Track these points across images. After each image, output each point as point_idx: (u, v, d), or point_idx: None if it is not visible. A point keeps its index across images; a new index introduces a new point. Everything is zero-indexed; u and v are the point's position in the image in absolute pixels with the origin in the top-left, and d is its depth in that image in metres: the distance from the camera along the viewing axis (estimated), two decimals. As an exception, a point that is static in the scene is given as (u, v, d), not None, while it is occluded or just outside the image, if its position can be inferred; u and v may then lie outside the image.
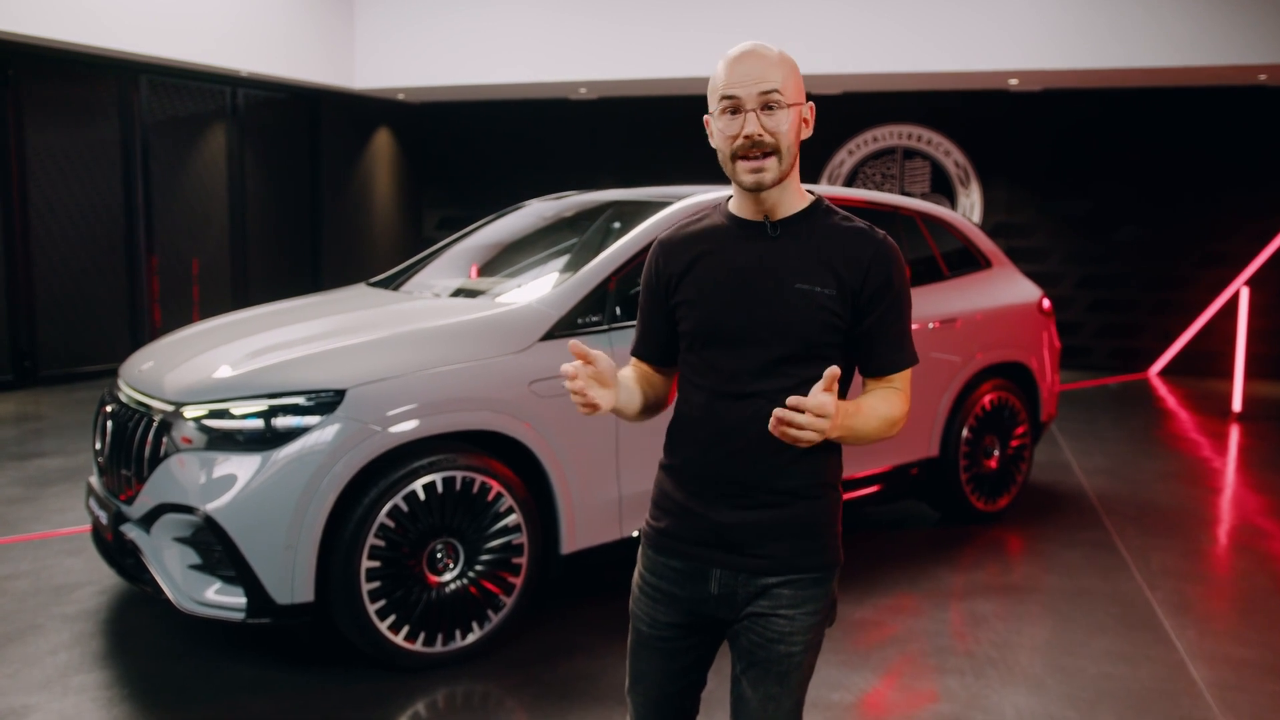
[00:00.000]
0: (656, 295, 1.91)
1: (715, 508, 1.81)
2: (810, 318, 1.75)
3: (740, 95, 1.73)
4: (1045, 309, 5.45)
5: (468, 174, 12.24)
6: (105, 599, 4.01)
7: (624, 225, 4.52)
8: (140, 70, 9.03)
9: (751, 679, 1.83)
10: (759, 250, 1.80)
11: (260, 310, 4.33)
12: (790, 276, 1.76)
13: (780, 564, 1.80)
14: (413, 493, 3.29)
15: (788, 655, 1.81)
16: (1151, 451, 6.83)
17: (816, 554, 1.82)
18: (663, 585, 1.88)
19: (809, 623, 1.82)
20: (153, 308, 9.35)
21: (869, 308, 1.77)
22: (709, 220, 1.89)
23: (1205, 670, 3.48)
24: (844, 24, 9.25)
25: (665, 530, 1.88)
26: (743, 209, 1.85)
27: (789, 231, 1.80)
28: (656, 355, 1.96)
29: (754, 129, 1.73)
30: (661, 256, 1.91)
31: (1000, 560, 4.65)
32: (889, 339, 1.80)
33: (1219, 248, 10.03)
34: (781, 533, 1.80)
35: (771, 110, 1.73)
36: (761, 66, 1.74)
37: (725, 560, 1.81)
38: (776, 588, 1.80)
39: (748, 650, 1.83)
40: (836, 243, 1.79)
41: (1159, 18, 8.62)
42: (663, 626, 1.89)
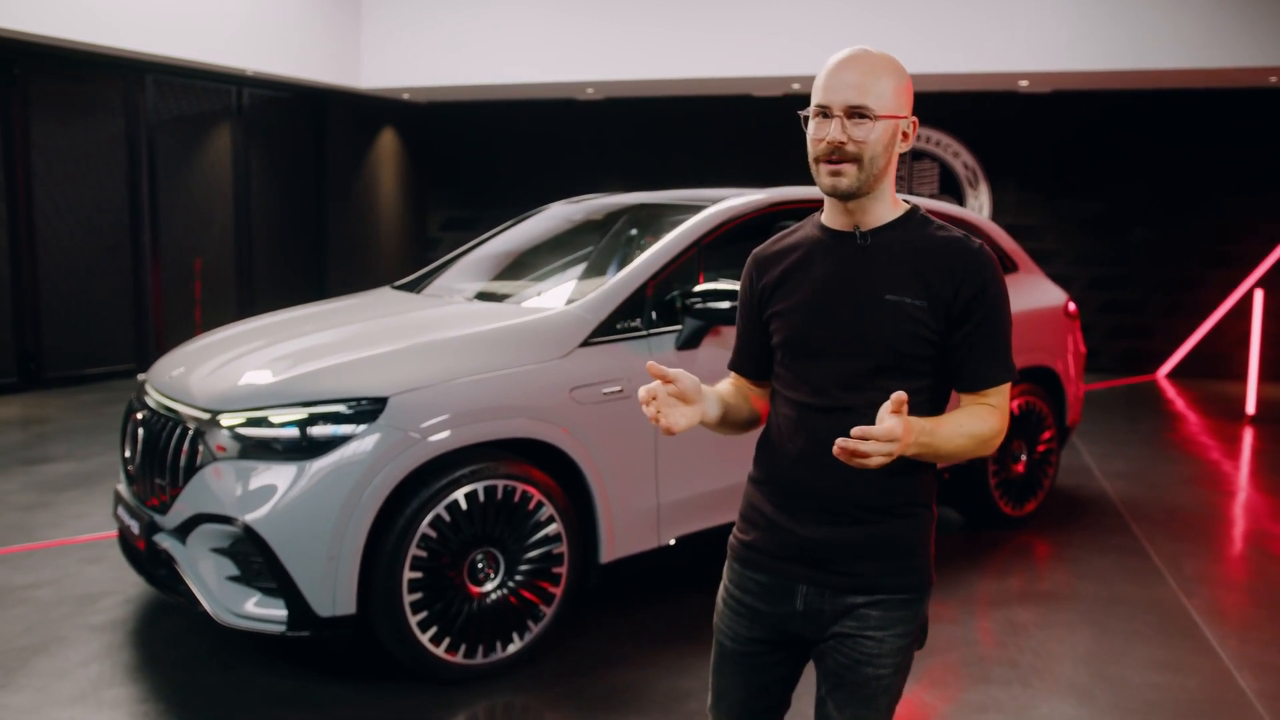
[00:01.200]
0: (750, 309, 1.91)
1: (803, 523, 1.78)
2: (900, 330, 1.71)
3: (830, 103, 1.72)
4: (1071, 313, 5.42)
5: (473, 175, 12.18)
6: (132, 609, 3.95)
7: (650, 229, 4.48)
8: (146, 69, 8.95)
9: (838, 701, 1.80)
10: (849, 260, 1.77)
11: (287, 315, 4.27)
12: (880, 287, 1.73)
13: (868, 583, 1.76)
14: (455, 502, 3.24)
15: (875, 678, 1.77)
16: (1170, 455, 6.81)
17: (906, 574, 1.78)
18: (747, 600, 1.85)
19: (898, 645, 1.78)
20: (158, 309, 9.27)
21: (962, 320, 1.72)
22: (801, 232, 1.88)
23: (1252, 680, 3.45)
24: (851, 25, 9.21)
25: (751, 544, 1.86)
26: (834, 220, 1.82)
27: (880, 241, 1.77)
28: (751, 369, 1.95)
29: (837, 135, 1.70)
30: (755, 270, 1.91)
31: (1031, 566, 4.61)
32: (982, 352, 1.74)
33: (1229, 249, 10.02)
34: (870, 551, 1.76)
35: (860, 120, 1.70)
36: (859, 76, 1.71)
37: (811, 577, 1.78)
38: (864, 608, 1.76)
39: (834, 671, 1.79)
40: (929, 253, 1.74)
41: (1170, 19, 8.61)
42: (746, 642, 1.86)
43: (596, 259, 4.58)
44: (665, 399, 1.72)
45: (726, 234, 4.10)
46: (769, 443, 1.87)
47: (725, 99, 10.89)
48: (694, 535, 3.84)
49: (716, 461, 3.78)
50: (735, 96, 10.83)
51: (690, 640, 3.69)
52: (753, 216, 4.20)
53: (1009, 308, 1.78)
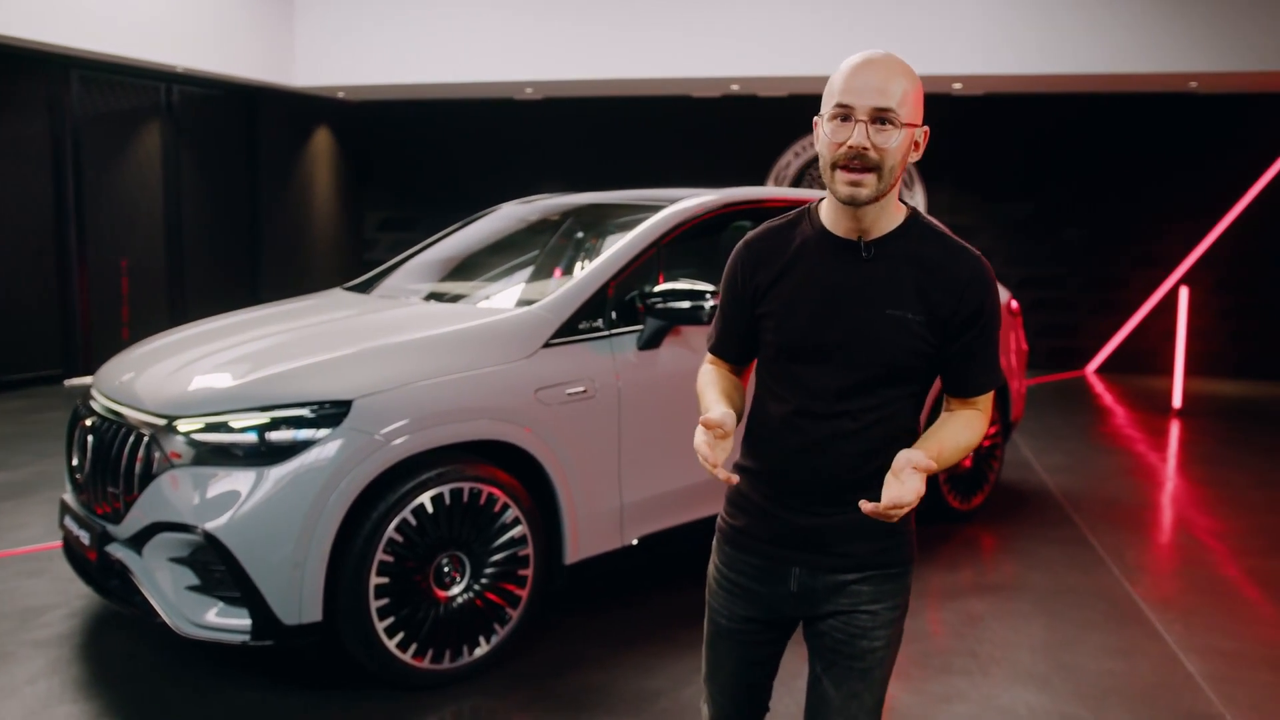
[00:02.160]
0: (742, 300, 1.89)
1: (795, 512, 1.83)
2: (899, 345, 1.74)
3: (854, 105, 1.66)
4: (1014, 311, 5.55)
5: (410, 175, 12.03)
6: (78, 622, 3.82)
7: (604, 229, 4.48)
8: (71, 65, 8.67)
9: (834, 678, 1.84)
10: (852, 271, 1.76)
11: (240, 317, 4.17)
12: (882, 302, 1.74)
13: (859, 561, 1.82)
14: (421, 506, 3.20)
15: (870, 650, 1.83)
16: (1104, 448, 7.02)
17: (894, 550, 1.84)
18: (741, 581, 1.90)
19: (891, 617, 1.84)
20: (85, 313, 8.97)
21: (959, 333, 1.76)
22: (800, 230, 1.84)
23: (1199, 663, 3.57)
24: (790, 27, 9.31)
25: (743, 529, 1.90)
26: (836, 224, 1.79)
27: (883, 253, 1.76)
28: (735, 355, 1.97)
29: (860, 140, 1.65)
30: (749, 259, 1.87)
31: (981, 558, 4.71)
32: (977, 362, 1.80)
33: (1153, 248, 10.37)
34: (861, 533, 1.81)
35: (884, 127, 1.66)
36: (883, 78, 1.66)
37: (805, 560, 1.83)
38: (855, 584, 1.82)
39: (830, 649, 1.85)
40: (931, 267, 1.75)
41: (1096, 26, 8.87)
42: (740, 620, 1.91)
43: (550, 260, 4.57)
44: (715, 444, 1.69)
45: (683, 234, 4.12)
46: (758, 436, 1.88)
47: (664, 99, 10.93)
48: (656, 535, 3.85)
49: (677, 461, 3.79)
50: (674, 97, 10.87)
51: (656, 640, 3.69)
52: (710, 216, 4.23)
53: (1001, 318, 1.83)
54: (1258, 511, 5.51)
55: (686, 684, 3.35)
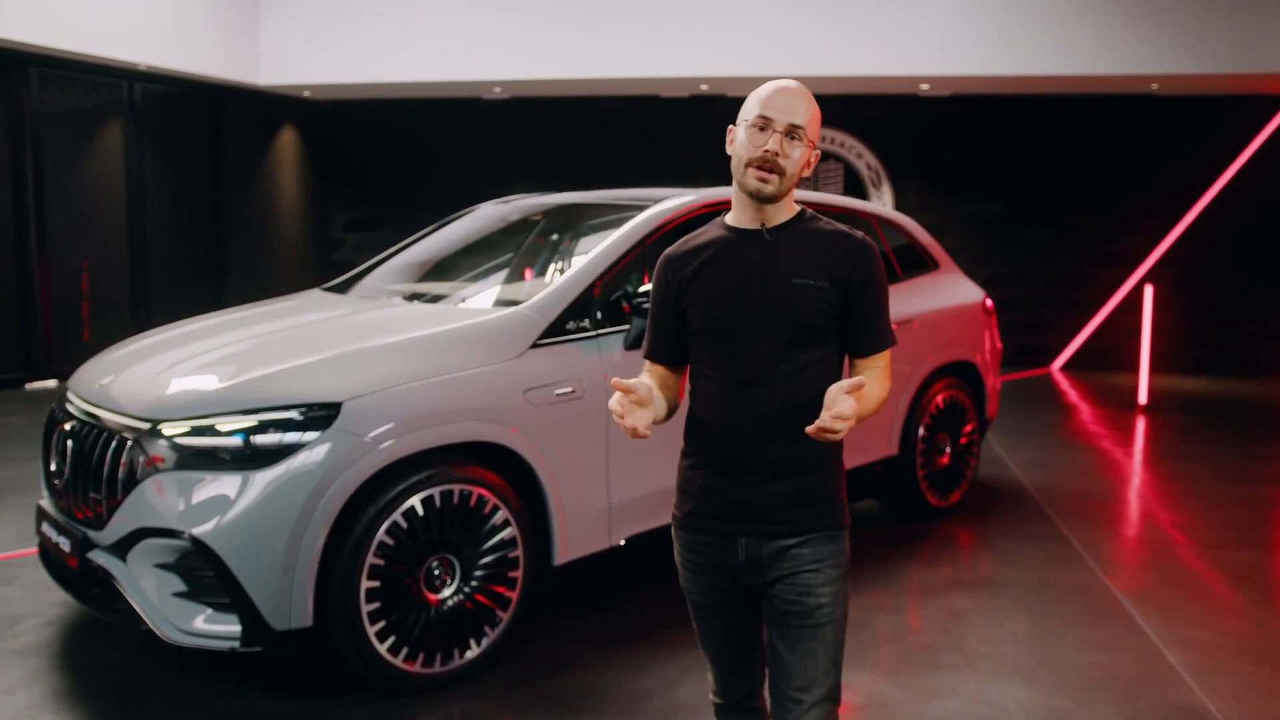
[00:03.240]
0: (668, 300, 2.13)
1: (736, 485, 2.02)
2: (808, 307, 2.00)
3: (774, 118, 1.98)
4: (988, 309, 5.61)
5: (377, 175, 11.92)
6: (55, 630, 3.74)
7: (585, 229, 4.47)
8: (29, 61, 8.50)
9: (789, 640, 2.02)
10: (758, 253, 2.04)
11: (219, 319, 4.11)
12: (788, 273, 2.01)
13: (797, 527, 2.02)
14: (411, 508, 3.17)
15: (819, 607, 2.00)
16: (1075, 444, 7.12)
17: (828, 515, 2.05)
18: (699, 559, 2.10)
19: (833, 575, 2.03)
20: (45, 314, 8.80)
21: (855, 298, 2.03)
22: (709, 234, 2.12)
23: (1180, 655, 3.63)
24: (758, 28, 9.36)
25: (692, 511, 2.09)
26: (741, 220, 2.08)
27: (782, 236, 2.05)
28: (669, 356, 2.17)
29: (775, 147, 1.97)
30: (670, 268, 2.14)
31: (960, 555, 4.76)
32: (873, 324, 2.06)
33: (1116, 247, 10.54)
34: (797, 500, 2.02)
35: (793, 140, 1.98)
36: (797, 104, 1.99)
37: (749, 530, 2.03)
38: (795, 548, 2.01)
39: (781, 612, 2.03)
40: (824, 244, 2.04)
41: (1061, 29, 9.01)
42: (712, 592, 2.12)
43: (529, 260, 4.55)
44: (629, 406, 1.94)
45: (668, 233, 4.11)
46: (697, 421, 2.09)
47: (633, 99, 10.92)
48: (643, 535, 3.85)
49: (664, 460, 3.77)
50: (643, 97, 10.88)
51: (646, 640, 3.69)
52: (692, 216, 4.22)
53: (887, 286, 2.10)
54: (1224, 504, 5.61)
55: (678, 683, 3.35)
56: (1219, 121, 10.21)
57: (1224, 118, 10.19)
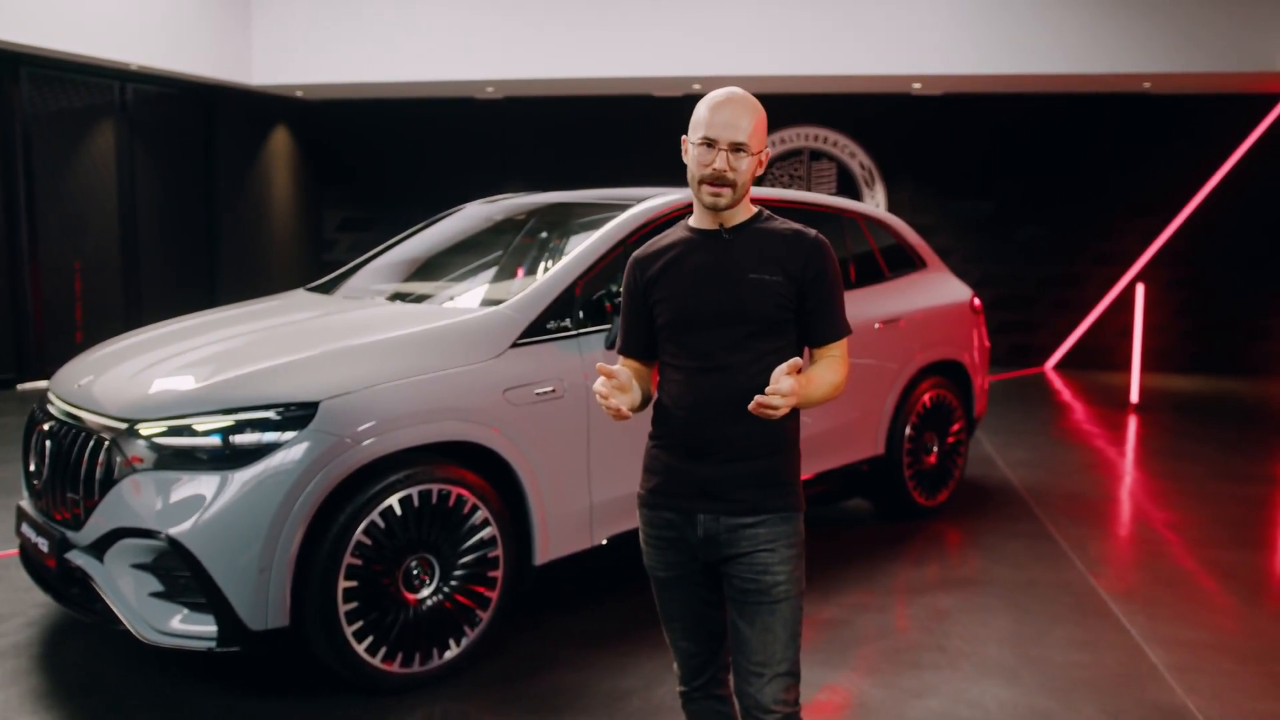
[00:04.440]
0: (637, 298, 2.25)
1: (697, 465, 2.14)
2: (765, 300, 2.12)
3: (717, 138, 2.09)
4: (976, 308, 5.61)
5: (370, 175, 11.92)
6: (35, 631, 3.74)
7: (569, 229, 4.46)
8: (20, 61, 8.48)
9: (748, 617, 2.12)
10: (718, 251, 2.16)
11: (202, 318, 4.10)
12: (745, 269, 2.13)
13: (752, 506, 2.12)
14: (389, 508, 3.16)
15: (775, 584, 2.11)
16: (1065, 443, 7.12)
17: (783, 497, 2.15)
18: (661, 534, 2.21)
19: (788, 554, 2.13)
20: (37, 315, 8.79)
21: (809, 291, 2.15)
22: (674, 235, 2.25)
23: (1162, 654, 3.63)
24: (751, 27, 9.35)
25: (655, 489, 2.21)
26: (701, 222, 2.21)
27: (740, 236, 2.18)
28: (641, 351, 2.29)
29: (722, 166, 2.09)
30: (637, 269, 2.26)
31: (947, 554, 4.76)
32: (827, 315, 2.18)
33: (1108, 247, 10.54)
34: (754, 481, 2.12)
35: (738, 154, 2.09)
36: (738, 115, 2.09)
37: (708, 506, 2.13)
38: (750, 528, 2.12)
39: (740, 590, 2.13)
40: (779, 242, 2.16)
41: (1053, 28, 9.00)
42: (671, 567, 2.22)
43: (517, 259, 4.53)
44: (612, 390, 2.07)
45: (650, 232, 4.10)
46: (664, 407, 2.21)
47: (626, 99, 10.92)
48: (625, 534, 3.84)
49: (648, 460, 3.78)
50: (636, 96, 10.87)
51: (628, 639, 3.68)
52: (674, 214, 4.21)
53: (841, 280, 2.21)
54: (1214, 503, 5.61)
55: (659, 683, 3.35)
56: (1211, 120, 10.20)
57: (1216, 116, 10.19)
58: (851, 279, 4.95)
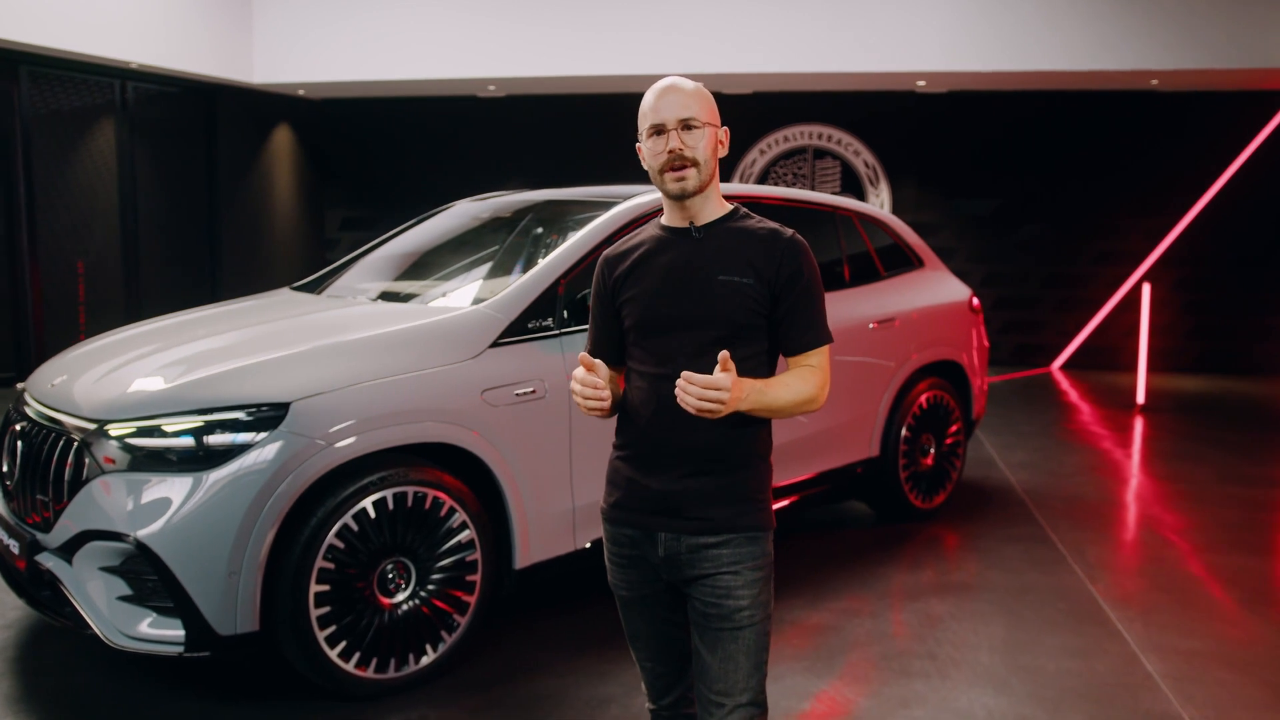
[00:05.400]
0: (604, 299, 2.16)
1: (658, 477, 2.03)
2: (734, 304, 2.00)
3: (664, 121, 2.01)
4: (975, 307, 5.52)
5: (372, 173, 11.87)
6: (10, 634, 3.69)
7: (558, 226, 4.40)
8: (20, 60, 8.46)
9: (709, 643, 2.01)
10: (687, 251, 2.05)
11: (180, 318, 4.05)
12: (715, 270, 2.02)
13: (716, 525, 2.00)
14: (363, 511, 3.10)
15: (738, 610, 1.99)
16: (1068, 444, 7.02)
17: (749, 515, 2.02)
18: (623, 552, 2.11)
19: (753, 577, 2.00)
20: (37, 315, 8.77)
21: (783, 295, 2.02)
22: (644, 234, 2.15)
23: (1158, 663, 3.54)
24: (754, 24, 9.27)
25: (616, 504, 2.10)
26: (672, 219, 2.10)
27: (711, 234, 2.06)
28: (608, 354, 2.17)
29: (676, 144, 2.00)
30: (606, 268, 2.17)
31: (943, 558, 4.67)
32: (802, 321, 2.04)
33: (1114, 245, 10.41)
34: (717, 497, 2.01)
35: (690, 130, 2.01)
36: (682, 98, 2.02)
37: (669, 524, 2.02)
38: (714, 548, 2.00)
39: (701, 614, 2.02)
40: (752, 241, 2.04)
41: (1058, 24, 8.89)
42: (634, 586, 2.12)
43: (504, 257, 4.47)
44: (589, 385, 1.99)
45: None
46: (626, 414, 2.11)
47: (628, 96, 10.80)
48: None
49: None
50: (638, 94, 10.73)
51: (609, 645, 3.61)
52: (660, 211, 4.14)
53: (821, 284, 2.07)
54: (1220, 507, 5.50)
55: (639, 691, 3.27)
56: (1220, 118, 10.07)
57: (1225, 114, 10.05)
58: (846, 278, 4.87)
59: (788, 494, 4.41)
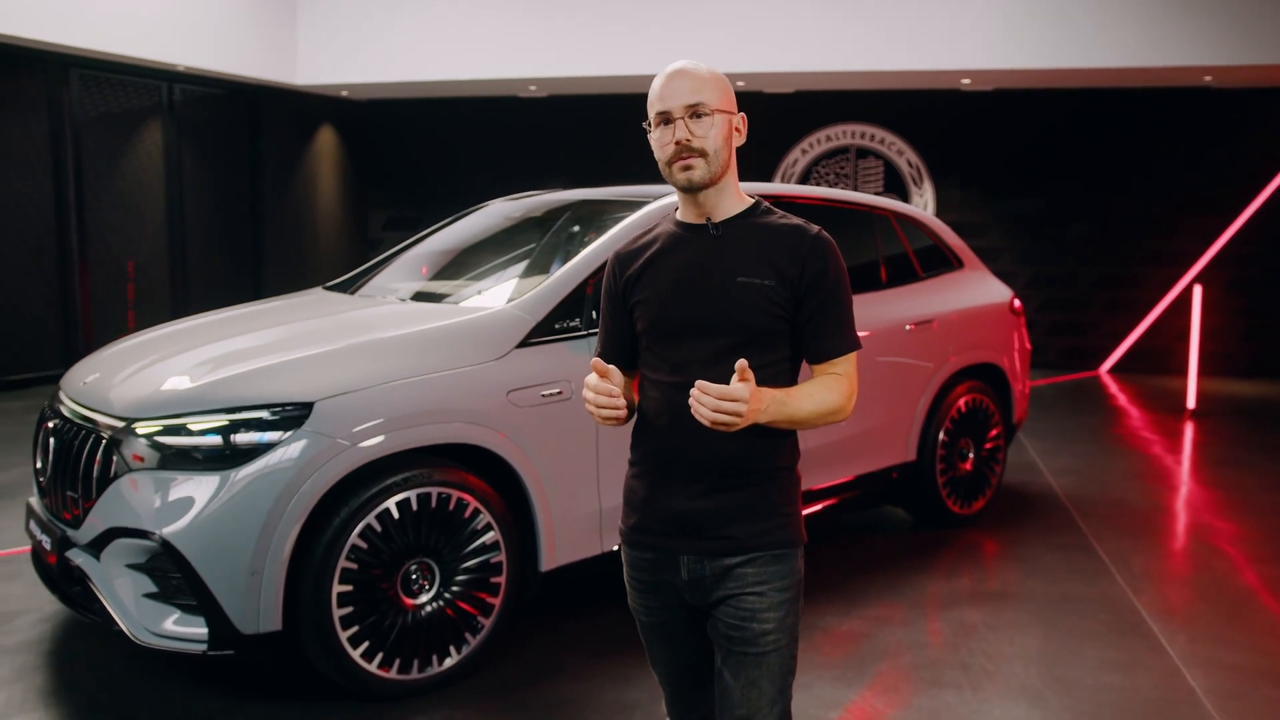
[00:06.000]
0: (615, 301, 2.02)
1: (676, 496, 1.90)
2: (754, 308, 1.86)
3: (670, 108, 1.88)
4: (1016, 309, 5.40)
5: (415, 173, 11.95)
6: (48, 628, 3.74)
7: (592, 226, 4.36)
8: (70, 63, 8.63)
9: (732, 667, 1.89)
10: (703, 249, 1.91)
11: (213, 317, 4.08)
12: (733, 271, 1.87)
13: (740, 544, 1.88)
14: (386, 511, 3.09)
15: (763, 634, 1.86)
16: (1114, 450, 6.85)
17: (775, 532, 1.89)
18: (644, 577, 1.99)
19: (779, 599, 1.88)
20: (86, 313, 8.94)
21: (807, 297, 1.88)
22: (658, 230, 2.02)
23: (1201, 678, 3.42)
24: (797, 22, 9.18)
25: (634, 525, 1.98)
26: (687, 215, 1.96)
27: (730, 230, 1.92)
28: (623, 359, 2.04)
29: (683, 134, 1.86)
30: (618, 266, 2.03)
31: (980, 566, 4.57)
32: (828, 326, 1.89)
33: (1166, 246, 10.16)
34: (739, 514, 1.88)
35: (699, 119, 1.87)
36: (690, 83, 1.87)
37: (690, 546, 1.90)
38: (739, 568, 1.88)
39: (725, 636, 1.90)
40: (774, 239, 1.90)
41: (1108, 20, 8.69)
42: (656, 613, 2.01)
43: (537, 257, 4.44)
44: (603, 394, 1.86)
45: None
46: (641, 426, 1.98)
47: (670, 97, 10.78)
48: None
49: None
50: (680, 94, 10.73)
51: (635, 649, 3.55)
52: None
53: (849, 286, 1.92)
54: (1270, 516, 5.33)
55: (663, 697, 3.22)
56: (1276, 115, 9.78)
57: (1283, 111, 9.78)
58: (882, 279, 4.79)
59: (818, 499, 4.34)
